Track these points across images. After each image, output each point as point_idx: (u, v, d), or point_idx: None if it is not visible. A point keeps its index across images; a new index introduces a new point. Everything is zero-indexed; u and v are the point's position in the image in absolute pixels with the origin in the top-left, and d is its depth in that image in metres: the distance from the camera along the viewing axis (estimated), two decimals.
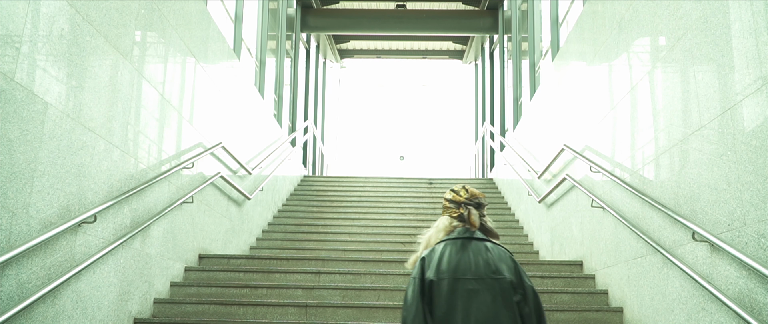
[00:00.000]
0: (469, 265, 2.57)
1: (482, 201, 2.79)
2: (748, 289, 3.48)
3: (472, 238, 2.67)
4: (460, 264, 2.57)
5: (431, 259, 2.63)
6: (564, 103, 7.44)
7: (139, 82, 5.10)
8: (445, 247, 2.66)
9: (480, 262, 2.57)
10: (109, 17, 4.57)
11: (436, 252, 2.65)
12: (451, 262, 2.58)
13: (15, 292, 3.55)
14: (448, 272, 2.56)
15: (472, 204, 2.75)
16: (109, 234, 4.62)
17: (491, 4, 13.81)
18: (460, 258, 2.59)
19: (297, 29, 13.49)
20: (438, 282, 2.56)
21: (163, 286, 5.76)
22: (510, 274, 2.55)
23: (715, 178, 3.83)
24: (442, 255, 2.62)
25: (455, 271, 2.56)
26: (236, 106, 7.96)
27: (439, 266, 2.59)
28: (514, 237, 8.89)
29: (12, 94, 3.46)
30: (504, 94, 12.94)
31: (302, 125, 13.17)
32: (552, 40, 8.81)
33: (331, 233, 8.82)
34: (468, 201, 2.75)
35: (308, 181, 12.12)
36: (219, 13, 8.09)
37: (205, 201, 6.77)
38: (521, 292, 2.54)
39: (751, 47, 3.45)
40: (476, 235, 2.70)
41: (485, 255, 2.60)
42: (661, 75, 4.66)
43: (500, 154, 11.57)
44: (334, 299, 5.91)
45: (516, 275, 2.57)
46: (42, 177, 3.76)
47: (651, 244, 4.65)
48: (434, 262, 2.61)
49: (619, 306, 5.44)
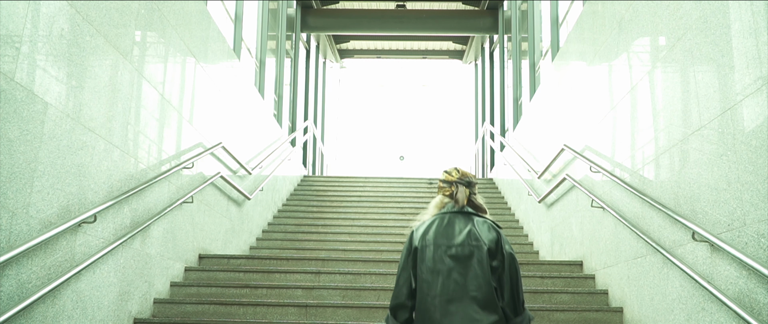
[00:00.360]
0: (453, 234, 2.85)
1: (472, 180, 3.07)
2: (748, 289, 3.48)
3: (461, 212, 2.95)
4: (445, 234, 2.86)
5: (420, 231, 2.94)
6: (564, 103, 7.44)
7: (139, 82, 5.10)
8: (434, 219, 2.96)
9: (463, 232, 2.85)
10: (109, 17, 4.57)
11: (426, 224, 2.96)
12: (437, 232, 2.88)
13: (15, 292, 3.55)
14: (433, 240, 2.85)
15: (462, 183, 3.03)
16: (109, 234, 4.62)
17: (491, 4, 13.81)
18: (445, 229, 2.88)
19: (297, 29, 13.50)
20: (422, 249, 2.86)
21: (163, 286, 5.76)
22: (489, 243, 2.81)
23: (715, 178, 3.83)
24: (430, 226, 2.92)
25: (438, 239, 2.85)
26: (236, 106, 7.96)
27: (426, 236, 2.89)
28: (514, 237, 8.88)
29: (12, 94, 3.46)
30: (504, 94, 12.94)
31: (302, 125, 13.17)
32: (552, 40, 8.81)
33: (331, 233, 8.82)
34: (459, 180, 3.04)
35: (308, 181, 12.13)
36: (219, 13, 8.09)
37: (205, 201, 6.77)
38: (500, 258, 2.79)
39: (751, 47, 3.45)
40: (466, 209, 2.97)
41: (470, 226, 2.87)
42: (661, 75, 4.66)
43: (500, 154, 11.58)
44: (334, 299, 5.91)
45: (496, 244, 2.82)
46: (42, 177, 3.76)
47: (651, 244, 4.65)
48: (421, 233, 2.91)
49: (619, 306, 5.44)
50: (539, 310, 5.50)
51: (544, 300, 5.85)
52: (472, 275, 2.73)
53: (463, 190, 3.00)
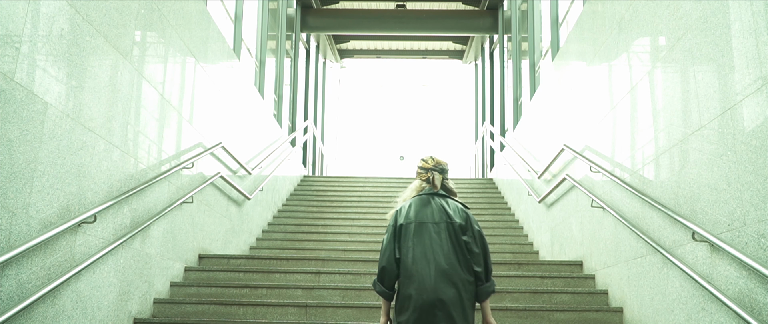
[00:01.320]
0: (431, 213, 3.40)
1: (445, 167, 3.61)
2: (748, 289, 3.48)
3: (436, 194, 3.50)
4: (424, 212, 3.40)
5: (402, 211, 3.46)
6: (564, 103, 7.44)
7: (139, 82, 5.10)
8: (414, 201, 3.49)
9: (438, 211, 3.40)
10: (109, 17, 4.57)
11: (407, 205, 3.49)
12: (417, 211, 3.42)
13: (15, 292, 3.55)
14: (414, 218, 3.39)
15: (437, 170, 3.57)
16: (108, 234, 4.62)
17: (491, 4, 13.81)
18: (424, 208, 3.42)
19: (297, 29, 13.49)
20: (406, 225, 3.38)
21: (163, 286, 5.76)
22: (461, 220, 3.36)
23: (715, 178, 3.83)
24: (411, 206, 3.46)
25: (418, 217, 3.39)
26: (236, 106, 7.96)
27: (408, 214, 3.42)
28: (513, 237, 8.89)
29: (12, 94, 3.46)
30: (504, 94, 12.94)
31: (302, 125, 13.17)
32: (552, 40, 8.81)
33: (331, 233, 8.82)
34: (434, 167, 3.58)
35: (308, 181, 12.12)
36: (219, 13, 8.09)
37: (205, 201, 6.77)
38: (470, 234, 3.33)
39: (751, 47, 3.45)
40: (440, 192, 3.53)
41: (443, 207, 3.42)
42: (661, 75, 4.66)
43: (500, 154, 11.58)
44: (334, 299, 5.91)
45: (466, 222, 3.37)
46: (42, 177, 3.76)
47: (651, 244, 4.65)
48: (404, 212, 3.45)
49: (619, 306, 5.44)
50: (539, 310, 5.50)
51: (544, 300, 5.85)
52: (446, 244, 3.30)
53: (437, 176, 3.55)
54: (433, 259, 3.25)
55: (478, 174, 15.10)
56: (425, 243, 3.30)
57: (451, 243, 3.30)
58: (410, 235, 3.34)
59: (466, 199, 10.83)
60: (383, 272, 3.35)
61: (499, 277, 6.27)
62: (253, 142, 8.81)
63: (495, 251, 7.92)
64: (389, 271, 3.33)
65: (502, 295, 5.89)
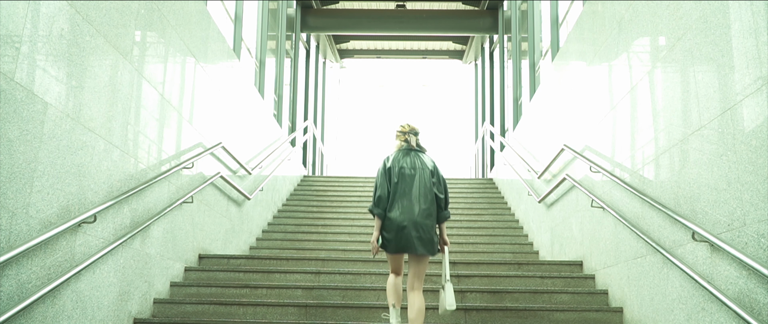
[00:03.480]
0: (411, 161, 4.85)
1: (417, 130, 5.02)
2: (748, 289, 3.48)
3: (412, 150, 4.95)
4: (405, 160, 4.85)
5: (389, 159, 4.88)
6: (564, 103, 7.44)
7: (139, 82, 5.10)
8: (397, 153, 4.92)
9: (415, 161, 4.86)
10: (109, 17, 4.57)
11: (392, 156, 4.92)
12: (399, 160, 4.86)
13: (15, 292, 3.55)
14: (397, 164, 4.82)
15: (412, 133, 4.99)
16: (108, 234, 4.62)
17: (491, 4, 13.81)
18: (404, 158, 4.87)
19: (297, 29, 13.49)
20: (392, 167, 4.81)
21: (163, 286, 5.76)
22: (431, 168, 4.86)
23: (715, 178, 3.83)
24: (396, 157, 4.88)
25: (400, 164, 4.82)
26: (236, 106, 7.96)
27: (394, 162, 4.84)
28: (513, 237, 8.89)
29: (12, 94, 3.46)
30: (504, 94, 12.94)
31: (302, 125, 13.17)
32: (552, 40, 8.81)
33: (331, 233, 8.82)
34: (410, 131, 4.99)
35: (308, 181, 12.12)
36: (219, 13, 8.09)
37: (205, 201, 6.77)
38: (436, 177, 4.85)
39: (751, 47, 3.45)
40: (415, 148, 4.96)
41: (419, 158, 4.89)
42: (661, 75, 4.66)
43: (500, 154, 11.58)
44: (334, 299, 5.91)
45: (434, 169, 4.89)
46: (42, 177, 3.76)
47: (651, 244, 4.65)
48: (391, 158, 4.88)
49: (619, 306, 5.44)
50: (539, 310, 5.51)
51: (544, 300, 5.85)
52: (421, 184, 4.75)
53: (413, 137, 4.98)
54: (411, 192, 4.70)
55: (478, 174, 15.10)
56: (406, 181, 4.74)
57: (423, 182, 4.74)
58: (395, 174, 4.76)
59: (466, 199, 10.89)
60: (380, 199, 4.72)
61: (499, 276, 6.28)
62: (253, 142, 8.81)
63: (495, 251, 8.07)
64: (383, 198, 4.71)
65: (502, 295, 5.89)
